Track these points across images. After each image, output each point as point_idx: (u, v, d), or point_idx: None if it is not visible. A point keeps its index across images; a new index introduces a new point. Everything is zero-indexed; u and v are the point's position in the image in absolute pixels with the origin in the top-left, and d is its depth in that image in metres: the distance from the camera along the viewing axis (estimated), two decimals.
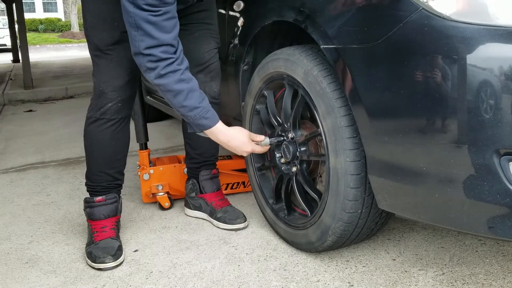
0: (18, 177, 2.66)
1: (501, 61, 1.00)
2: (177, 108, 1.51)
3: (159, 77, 1.44)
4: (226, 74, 2.04)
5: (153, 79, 1.45)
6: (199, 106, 1.50)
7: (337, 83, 1.37)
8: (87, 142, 1.75)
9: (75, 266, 1.64)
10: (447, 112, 1.08)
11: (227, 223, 1.87)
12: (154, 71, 1.43)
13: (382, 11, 1.20)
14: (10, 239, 1.87)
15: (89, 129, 1.72)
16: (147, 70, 1.44)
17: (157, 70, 1.43)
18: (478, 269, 1.50)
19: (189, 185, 2.01)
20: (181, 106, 1.50)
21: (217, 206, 1.94)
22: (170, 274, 1.56)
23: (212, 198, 1.97)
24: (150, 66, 1.43)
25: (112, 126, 1.70)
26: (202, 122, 1.53)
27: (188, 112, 1.50)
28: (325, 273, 1.52)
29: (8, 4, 8.91)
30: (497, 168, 1.04)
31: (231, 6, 1.96)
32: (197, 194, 1.99)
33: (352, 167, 1.35)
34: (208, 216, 1.95)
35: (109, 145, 1.72)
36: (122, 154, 1.79)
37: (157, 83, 1.46)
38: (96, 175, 1.75)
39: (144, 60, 1.43)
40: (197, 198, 1.99)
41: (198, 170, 1.99)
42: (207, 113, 1.53)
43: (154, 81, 1.45)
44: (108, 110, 1.67)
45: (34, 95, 5.79)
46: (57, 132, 3.77)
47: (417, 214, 1.25)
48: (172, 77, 1.45)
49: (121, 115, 1.70)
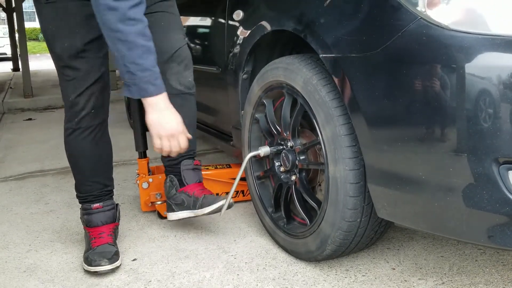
0: (17, 186, 2.65)
1: (500, 70, 1.00)
2: (126, 63, 1.38)
3: (121, 22, 1.32)
4: (226, 83, 2.04)
5: (114, 22, 1.32)
6: (151, 69, 1.41)
7: (336, 92, 1.38)
8: (69, 154, 1.71)
9: (73, 275, 1.64)
10: (446, 121, 1.08)
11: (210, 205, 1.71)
12: (115, 12, 1.31)
13: (380, 21, 1.21)
14: (8, 248, 1.86)
15: (69, 140, 1.68)
16: (106, 10, 1.31)
17: (120, 12, 1.31)
18: (478, 279, 1.50)
19: (167, 182, 1.87)
20: (132, 62, 1.38)
21: (199, 194, 1.78)
22: (168, 283, 1.55)
23: (194, 188, 1.82)
24: (112, 5, 1.31)
25: (91, 134, 1.65)
26: (148, 87, 1.42)
27: (137, 71, 1.38)
28: (324, 282, 1.51)
29: (9, 13, 8.96)
30: (496, 177, 1.04)
31: (231, 15, 1.97)
32: (177, 189, 1.84)
33: (351, 175, 1.35)
34: (192, 210, 1.77)
35: (91, 153, 1.68)
36: (107, 159, 1.76)
37: (117, 29, 1.33)
38: (85, 185, 1.72)
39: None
40: (177, 193, 1.83)
41: (177, 166, 1.86)
42: (157, 80, 1.43)
43: (115, 25, 1.32)
44: (83, 119, 1.62)
45: (34, 103, 5.80)
46: (56, 141, 3.76)
47: (416, 223, 1.24)
48: (136, 26, 1.35)
49: (98, 121, 1.66)
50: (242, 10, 1.90)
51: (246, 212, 2.11)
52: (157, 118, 1.47)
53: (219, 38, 1.98)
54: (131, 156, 2.88)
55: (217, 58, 2.11)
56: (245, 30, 1.86)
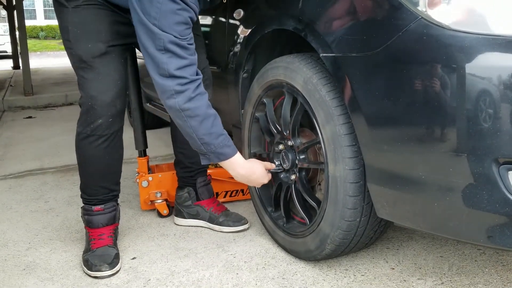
0: (16, 184, 2.65)
1: (500, 70, 1.00)
2: (201, 136, 1.44)
3: (189, 101, 1.39)
4: (226, 82, 2.04)
5: (182, 103, 1.39)
6: (223, 133, 1.47)
7: (336, 91, 1.38)
8: (80, 158, 1.70)
9: (72, 273, 1.64)
10: (446, 121, 1.08)
11: (231, 226, 1.88)
12: (183, 94, 1.38)
13: (381, 20, 1.20)
14: (8, 246, 1.86)
15: (81, 145, 1.66)
16: (174, 95, 1.38)
17: (187, 93, 1.38)
18: (477, 279, 1.50)
19: (185, 193, 1.98)
20: (207, 133, 1.43)
21: (217, 211, 1.94)
22: (168, 282, 1.55)
23: (210, 204, 1.96)
24: (179, 89, 1.38)
25: (105, 142, 1.64)
26: (225, 150, 1.47)
27: (213, 139, 1.44)
28: (323, 281, 1.51)
29: (9, 11, 8.96)
30: (496, 177, 1.03)
31: (231, 14, 1.97)
32: (193, 202, 1.98)
33: (351, 175, 1.35)
34: (208, 222, 1.94)
35: (103, 160, 1.68)
36: (117, 166, 1.76)
37: (187, 107, 1.39)
38: (92, 189, 1.72)
39: (173, 83, 1.37)
40: (193, 206, 1.97)
41: (193, 179, 1.97)
42: (229, 140, 1.49)
43: (183, 105, 1.39)
44: (99, 127, 1.60)
45: (34, 101, 5.80)
46: (57, 139, 3.77)
47: (416, 222, 1.24)
48: (202, 100, 1.41)
49: (113, 129, 1.64)
50: (243, 9, 1.90)
51: (246, 211, 2.11)
52: (242, 178, 1.57)
53: (219, 36, 1.97)
54: (131, 155, 2.87)
55: (218, 57, 2.10)
56: (246, 29, 1.85)
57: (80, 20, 1.55)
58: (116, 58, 1.57)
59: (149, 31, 1.35)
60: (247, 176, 1.55)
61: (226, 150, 1.48)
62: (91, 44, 1.55)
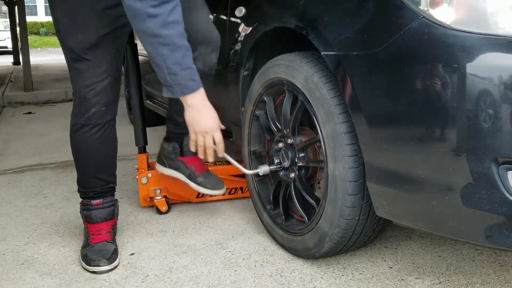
0: (16, 179, 2.65)
1: (501, 70, 1.01)
2: (169, 65, 1.40)
3: (163, 26, 1.34)
4: (227, 80, 2.04)
5: (157, 28, 1.33)
6: (192, 66, 1.44)
7: (337, 89, 1.38)
8: (75, 150, 1.71)
9: (70, 268, 1.64)
10: (446, 120, 1.08)
11: (208, 188, 1.86)
12: (157, 19, 1.33)
13: (383, 19, 1.21)
14: (6, 240, 1.86)
15: (76, 136, 1.67)
16: (147, 18, 1.33)
17: (161, 17, 1.33)
18: (475, 279, 1.50)
19: (170, 147, 1.95)
20: (175, 63, 1.40)
21: (198, 170, 1.90)
22: (166, 278, 1.56)
23: (193, 162, 1.91)
24: (152, 12, 1.32)
25: (99, 131, 1.64)
26: (191, 84, 1.45)
27: (180, 71, 1.41)
28: (321, 279, 1.52)
29: (10, 7, 8.94)
30: (495, 177, 1.04)
31: (233, 12, 1.97)
32: (177, 156, 1.94)
33: (350, 173, 1.35)
34: (187, 178, 1.91)
35: (98, 150, 1.68)
36: (112, 157, 1.76)
37: (160, 34, 1.34)
38: (88, 181, 1.72)
39: (145, 5, 1.31)
40: (176, 160, 1.94)
41: (182, 136, 1.92)
42: (196, 75, 1.46)
43: (158, 30, 1.34)
44: (92, 116, 1.61)
45: (34, 97, 5.80)
46: (56, 135, 3.77)
47: (414, 221, 1.25)
48: (176, 28, 1.37)
49: (107, 118, 1.65)
50: (244, 7, 1.90)
51: (245, 208, 2.11)
52: (194, 116, 1.52)
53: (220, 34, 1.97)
54: (131, 151, 2.87)
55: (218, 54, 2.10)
56: (247, 26, 1.86)
57: (69, 10, 1.53)
58: (107, 48, 1.56)
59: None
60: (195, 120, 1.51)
61: (191, 83, 1.45)
62: (81, 36, 1.53)
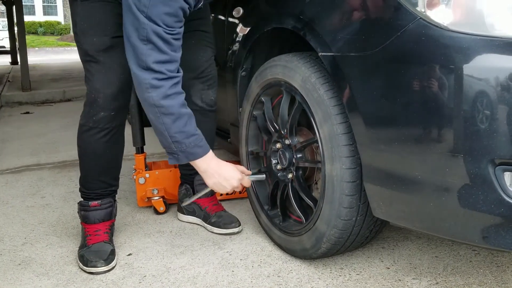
0: (13, 179, 2.65)
1: (498, 72, 1.01)
2: (172, 134, 1.44)
3: (164, 98, 1.39)
4: (224, 80, 2.04)
5: (158, 99, 1.39)
6: (196, 133, 1.47)
7: (334, 90, 1.38)
8: (81, 150, 1.71)
9: (68, 268, 1.64)
10: (443, 121, 1.08)
11: (221, 228, 1.87)
12: (159, 90, 1.38)
13: (380, 20, 1.21)
14: (4, 241, 1.86)
15: (83, 137, 1.68)
16: (150, 89, 1.38)
17: (163, 89, 1.38)
18: (472, 279, 1.50)
19: (183, 190, 2.00)
20: (179, 132, 1.44)
21: (211, 211, 1.93)
22: (163, 278, 1.56)
23: (206, 203, 1.96)
24: (155, 84, 1.38)
25: (106, 135, 1.65)
26: (196, 150, 1.48)
27: (184, 138, 1.45)
28: (319, 280, 1.52)
29: (8, 6, 8.93)
30: (492, 178, 1.04)
31: (231, 12, 1.97)
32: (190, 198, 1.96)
33: (347, 174, 1.35)
34: (202, 221, 1.94)
35: (103, 154, 1.69)
36: (117, 161, 1.77)
37: (161, 104, 1.39)
38: (91, 182, 1.73)
39: (150, 77, 1.37)
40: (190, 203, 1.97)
41: (192, 176, 1.97)
42: (201, 141, 1.49)
43: (159, 101, 1.39)
44: (101, 119, 1.62)
45: (32, 97, 5.78)
46: (54, 135, 3.76)
47: (411, 222, 1.25)
48: (177, 99, 1.41)
49: (115, 123, 1.66)
50: (242, 7, 1.90)
51: (242, 209, 2.11)
52: (215, 182, 1.55)
53: (218, 34, 1.98)
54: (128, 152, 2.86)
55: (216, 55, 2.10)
56: (245, 27, 1.86)
57: (87, 14, 1.57)
58: (120, 52, 1.57)
59: (136, 19, 1.34)
60: (216, 170, 1.52)
61: (196, 150, 1.48)
62: (96, 38, 1.56)
